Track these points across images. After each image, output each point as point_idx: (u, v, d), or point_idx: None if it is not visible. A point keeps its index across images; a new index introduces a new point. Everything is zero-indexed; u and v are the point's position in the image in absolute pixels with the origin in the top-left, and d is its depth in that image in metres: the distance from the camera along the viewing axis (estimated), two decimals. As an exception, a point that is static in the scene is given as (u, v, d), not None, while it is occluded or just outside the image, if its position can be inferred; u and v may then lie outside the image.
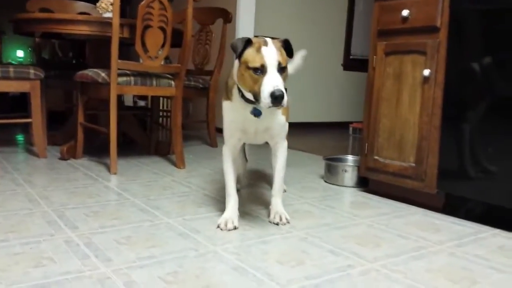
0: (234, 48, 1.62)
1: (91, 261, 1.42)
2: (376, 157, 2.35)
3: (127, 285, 1.27)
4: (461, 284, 1.37)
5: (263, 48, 1.57)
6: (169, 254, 1.51)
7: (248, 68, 1.58)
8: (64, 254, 1.47)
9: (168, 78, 2.92)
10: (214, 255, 1.51)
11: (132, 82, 2.76)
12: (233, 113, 1.79)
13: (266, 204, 2.09)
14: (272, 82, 1.53)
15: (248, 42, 1.62)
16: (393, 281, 1.37)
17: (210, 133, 3.94)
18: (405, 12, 2.17)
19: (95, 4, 3.38)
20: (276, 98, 1.51)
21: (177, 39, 2.95)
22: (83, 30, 2.90)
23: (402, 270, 1.45)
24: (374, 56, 2.36)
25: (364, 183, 2.56)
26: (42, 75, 2.99)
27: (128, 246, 1.56)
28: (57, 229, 1.70)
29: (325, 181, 2.71)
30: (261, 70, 1.56)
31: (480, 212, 2.01)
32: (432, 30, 2.10)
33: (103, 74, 2.73)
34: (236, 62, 1.66)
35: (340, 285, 1.33)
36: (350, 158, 2.86)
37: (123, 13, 2.76)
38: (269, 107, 1.54)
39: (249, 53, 1.60)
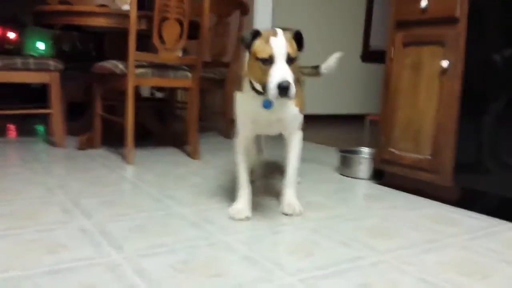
0: (242, 40, 1.63)
1: (104, 249, 1.44)
2: (391, 149, 2.33)
3: (137, 272, 1.29)
4: (472, 277, 1.35)
5: (272, 39, 1.56)
6: (181, 243, 1.52)
7: (257, 59, 1.58)
8: (77, 241, 1.49)
9: (185, 70, 2.94)
10: (225, 245, 1.52)
11: (150, 74, 2.79)
12: (244, 104, 1.79)
13: (279, 195, 2.10)
14: (279, 73, 1.52)
15: (257, 34, 1.61)
16: (404, 273, 1.36)
17: (226, 124, 3.95)
18: (423, 3, 2.14)
19: (113, -3, 3.41)
20: (283, 90, 1.50)
21: (194, 31, 2.96)
22: (101, 22, 2.93)
23: (413, 262, 1.44)
24: (392, 47, 2.33)
25: (378, 176, 2.54)
26: (61, 66, 3.03)
27: (141, 235, 1.58)
28: (73, 217, 1.73)
29: (340, 173, 2.70)
30: (270, 60, 1.55)
31: (495, 206, 1.98)
32: (451, 21, 2.07)
33: (121, 66, 2.76)
34: (247, 53, 1.67)
35: (349, 276, 1.33)
36: (365, 150, 2.84)
37: (141, 5, 2.78)
38: (276, 98, 1.53)
39: (258, 44, 1.59)
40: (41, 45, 6.88)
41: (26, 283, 1.20)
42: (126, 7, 3.14)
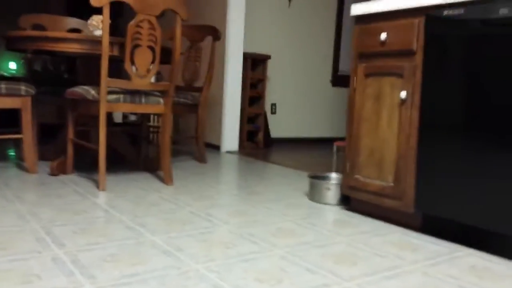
0: None
1: (76, 278, 1.47)
2: (357, 176, 2.42)
3: (110, 303, 1.32)
4: (430, 302, 1.43)
5: None
6: (152, 272, 1.56)
7: None
8: (50, 271, 1.52)
9: (157, 96, 2.99)
10: (196, 273, 1.57)
11: (122, 100, 2.83)
12: None
13: (251, 221, 2.15)
14: None
15: None
16: (366, 300, 1.43)
17: (199, 149, 4.00)
18: (383, 36, 2.26)
19: (86, 21, 3.45)
20: None
21: (167, 56, 3.02)
22: (74, 48, 2.96)
23: (376, 289, 1.51)
24: (355, 77, 2.44)
25: (347, 201, 2.62)
26: (33, 91, 3.04)
27: (113, 264, 1.61)
28: (45, 246, 1.75)
29: (309, 199, 2.77)
30: None
31: (456, 232, 2.08)
32: (409, 53, 2.19)
33: (92, 92, 2.79)
34: None
35: (315, 304, 1.39)
36: (334, 175, 2.93)
37: (115, 27, 2.83)
38: None
39: None
40: (12, 65, 6.83)
41: (-1, 316, 1.22)
42: (98, 32, 3.19)
